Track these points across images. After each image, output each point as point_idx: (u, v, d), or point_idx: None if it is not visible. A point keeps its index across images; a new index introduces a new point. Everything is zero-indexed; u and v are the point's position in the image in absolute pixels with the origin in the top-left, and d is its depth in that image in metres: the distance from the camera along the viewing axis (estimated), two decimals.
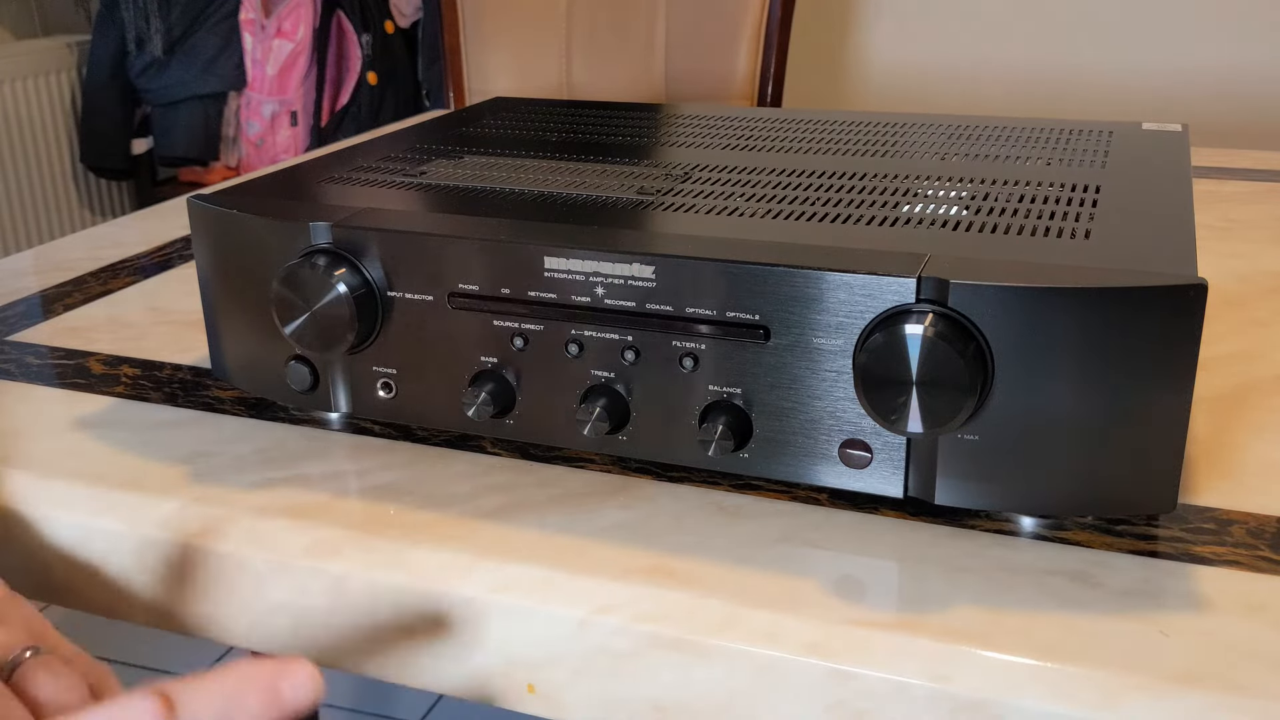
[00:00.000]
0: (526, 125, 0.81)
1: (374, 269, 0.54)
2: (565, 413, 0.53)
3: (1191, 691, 0.40)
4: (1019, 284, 0.44)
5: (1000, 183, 0.61)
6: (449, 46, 1.65)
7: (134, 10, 2.47)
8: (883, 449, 0.48)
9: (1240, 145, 1.26)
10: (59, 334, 0.73)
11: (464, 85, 1.65)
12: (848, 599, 0.45)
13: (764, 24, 1.61)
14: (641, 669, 0.46)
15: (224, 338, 0.60)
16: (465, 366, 0.54)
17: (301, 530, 0.51)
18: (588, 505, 0.52)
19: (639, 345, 0.51)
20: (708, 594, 0.46)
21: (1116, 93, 2.09)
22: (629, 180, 0.63)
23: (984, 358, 0.45)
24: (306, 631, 0.51)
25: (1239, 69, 2.02)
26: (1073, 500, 0.47)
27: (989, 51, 2.16)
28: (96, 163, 2.64)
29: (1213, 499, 0.52)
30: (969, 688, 0.42)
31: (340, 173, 0.66)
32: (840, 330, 0.47)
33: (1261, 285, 0.78)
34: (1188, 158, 0.67)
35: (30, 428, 0.61)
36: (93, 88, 2.57)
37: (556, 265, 0.51)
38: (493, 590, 0.48)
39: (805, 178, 0.63)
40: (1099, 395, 0.45)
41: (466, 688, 0.49)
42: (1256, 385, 0.63)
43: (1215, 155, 1.14)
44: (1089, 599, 0.45)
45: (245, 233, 0.57)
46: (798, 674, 0.43)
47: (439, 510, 0.52)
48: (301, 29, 2.40)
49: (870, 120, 0.79)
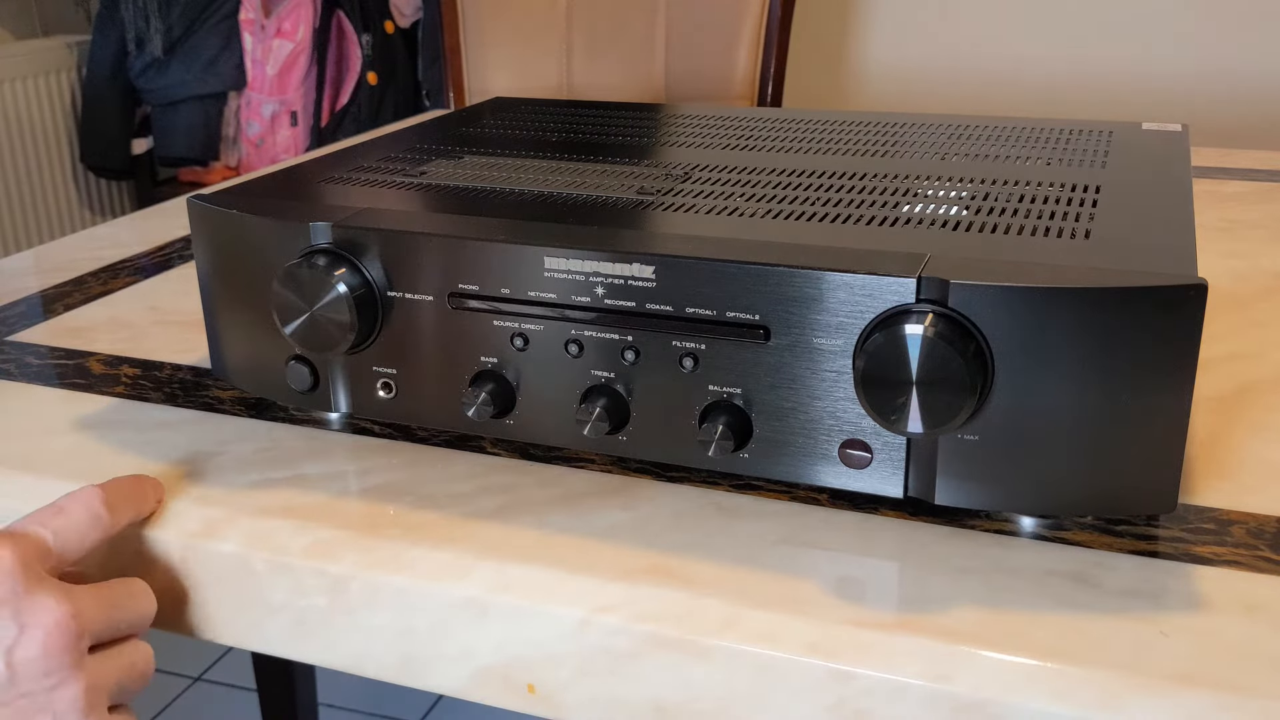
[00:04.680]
0: (526, 125, 0.81)
1: (374, 269, 0.54)
2: (565, 413, 0.53)
3: (1191, 691, 0.40)
4: (1019, 284, 0.44)
5: (1000, 183, 0.61)
6: (449, 46, 1.65)
7: (134, 10, 2.47)
8: (883, 449, 0.48)
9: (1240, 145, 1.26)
10: (59, 334, 0.73)
11: (464, 85, 1.65)
12: (848, 599, 0.45)
13: (764, 24, 1.61)
14: (641, 669, 0.46)
15: (224, 338, 0.60)
16: (465, 366, 0.54)
17: (301, 530, 0.51)
18: (588, 505, 0.52)
19: (639, 345, 0.51)
20: (707, 594, 0.46)
21: (1116, 93, 2.09)
22: (629, 180, 0.63)
23: (984, 358, 0.45)
24: (306, 631, 0.51)
25: (1239, 69, 2.02)
26: (1073, 500, 0.47)
27: (989, 51, 2.16)
28: (96, 163, 2.64)
29: (1213, 499, 0.52)
30: (969, 688, 0.42)
31: (340, 173, 0.66)
32: (840, 330, 0.47)
33: (1261, 285, 0.78)
34: (1188, 158, 0.67)
35: (30, 428, 0.61)
36: (93, 88, 2.57)
37: (556, 265, 0.51)
38: (493, 590, 0.48)
39: (805, 178, 0.63)
40: (1099, 395, 0.45)
41: (466, 688, 0.49)
42: (1256, 385, 0.63)
43: (1215, 155, 1.14)
44: (1089, 599, 0.45)
45: (245, 233, 0.57)
46: (798, 674, 0.43)
47: (439, 510, 0.52)
48: (301, 29, 2.40)
49: (870, 120, 0.79)
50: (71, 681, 0.44)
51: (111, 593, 0.48)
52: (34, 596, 0.44)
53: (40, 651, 0.43)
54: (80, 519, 0.48)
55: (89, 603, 0.46)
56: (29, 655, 0.43)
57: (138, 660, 0.49)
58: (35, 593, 0.44)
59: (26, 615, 0.43)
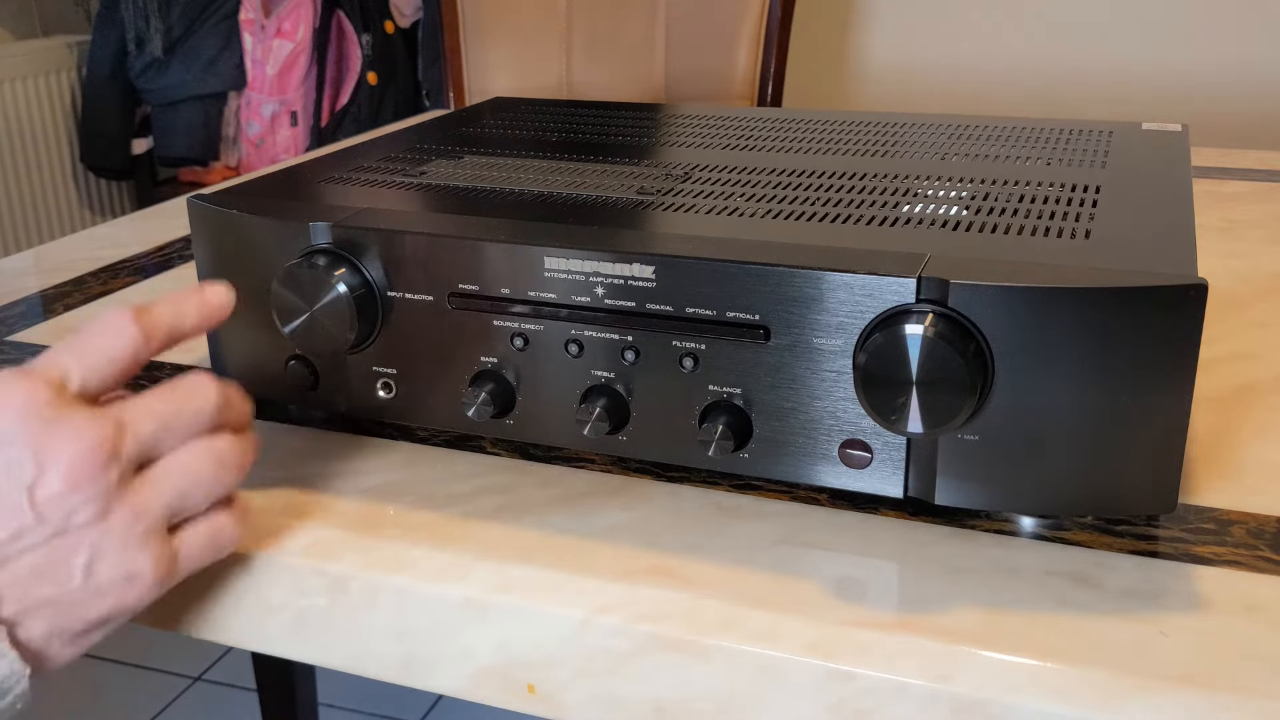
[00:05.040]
0: (526, 125, 0.81)
1: (374, 269, 0.54)
2: (565, 413, 0.53)
3: (1191, 691, 0.40)
4: (1019, 284, 0.44)
5: (1000, 183, 0.61)
6: (449, 46, 1.65)
7: (134, 10, 2.47)
8: (883, 449, 0.48)
9: (1240, 145, 1.26)
10: (59, 334, 0.73)
11: (464, 85, 1.65)
12: (848, 599, 0.45)
13: (764, 24, 1.61)
14: (641, 669, 0.46)
15: (224, 338, 0.60)
16: (465, 366, 0.54)
17: (301, 530, 0.51)
18: (588, 505, 0.52)
19: (639, 345, 0.51)
20: (707, 594, 0.46)
21: (1116, 93, 2.09)
22: (629, 180, 0.63)
23: (984, 358, 0.45)
24: (307, 631, 0.51)
25: (1239, 69, 2.02)
26: (1073, 500, 0.47)
27: (989, 51, 2.16)
28: (96, 163, 2.63)
29: (1213, 499, 0.52)
30: (969, 688, 0.42)
31: (340, 173, 0.66)
32: (840, 330, 0.47)
33: (1261, 285, 0.78)
34: (1188, 158, 0.67)
35: None
36: (93, 88, 2.57)
37: (556, 265, 0.51)
38: (493, 590, 0.48)
39: (805, 178, 0.63)
40: (1099, 395, 0.45)
41: (466, 688, 0.49)
42: (1256, 385, 0.63)
43: (1215, 155, 1.14)
44: (1089, 599, 0.45)
45: (245, 233, 0.57)
46: (797, 674, 0.43)
47: (439, 510, 0.52)
48: (301, 29, 2.40)
49: (870, 120, 0.79)
50: (110, 512, 0.42)
51: (158, 397, 0.44)
52: (52, 429, 0.41)
53: (65, 486, 0.41)
54: (106, 340, 0.44)
55: (130, 417, 0.43)
56: (52, 491, 0.41)
57: (204, 462, 0.44)
58: (54, 425, 0.41)
59: (45, 450, 0.41)
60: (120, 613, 0.43)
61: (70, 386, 0.43)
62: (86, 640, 0.43)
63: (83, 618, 0.42)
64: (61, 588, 0.42)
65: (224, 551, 0.47)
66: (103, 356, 0.44)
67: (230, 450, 0.46)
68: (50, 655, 0.43)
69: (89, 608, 0.42)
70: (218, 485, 0.45)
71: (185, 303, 0.47)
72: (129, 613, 0.44)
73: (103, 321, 0.45)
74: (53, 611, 0.42)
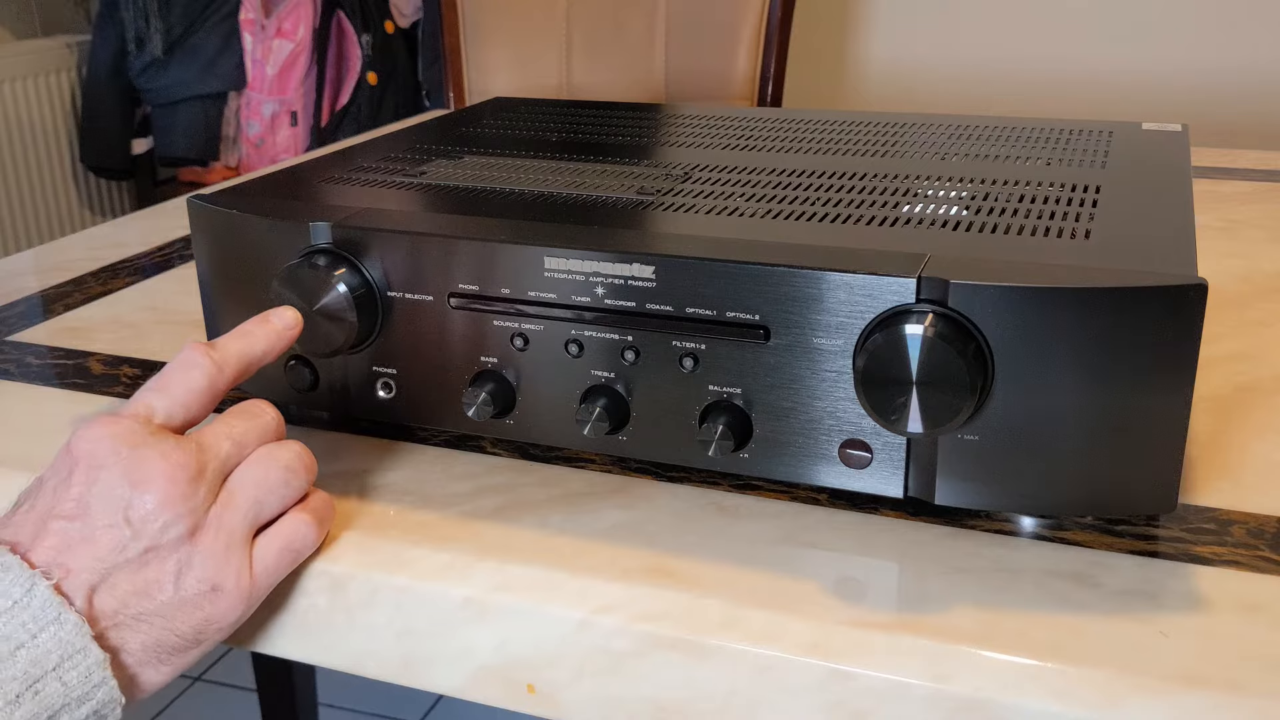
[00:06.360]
0: (526, 125, 0.81)
1: (374, 269, 0.54)
2: (565, 413, 0.53)
3: (1191, 691, 0.40)
4: (1019, 284, 0.44)
5: (1000, 183, 0.61)
6: (449, 46, 1.65)
7: (134, 10, 2.47)
8: (883, 449, 0.48)
9: (1240, 145, 1.26)
10: (59, 334, 0.73)
11: (464, 85, 1.65)
12: (848, 599, 0.45)
13: (764, 24, 1.61)
14: (641, 669, 0.46)
15: None
16: (465, 366, 0.54)
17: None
18: (588, 505, 0.52)
19: (639, 345, 0.51)
20: (707, 594, 0.46)
21: (1116, 93, 2.09)
22: (629, 180, 0.63)
23: (984, 358, 0.45)
24: (307, 631, 0.51)
25: (1239, 69, 2.02)
26: (1073, 500, 0.47)
27: (989, 51, 2.16)
28: (96, 163, 2.63)
29: (1213, 499, 0.52)
30: (969, 688, 0.42)
31: (340, 173, 0.66)
32: (840, 330, 0.47)
33: (1261, 285, 0.78)
34: (1188, 158, 0.67)
35: (30, 428, 0.61)
36: (93, 88, 2.57)
37: (556, 265, 0.51)
38: (493, 590, 0.48)
39: (805, 178, 0.63)
40: (1099, 395, 0.45)
41: (466, 688, 0.49)
42: (1256, 385, 0.63)
43: (1215, 155, 1.14)
44: (1089, 599, 0.45)
45: (245, 233, 0.57)
46: (797, 674, 0.43)
47: (439, 510, 0.52)
48: (301, 29, 2.40)
49: (870, 120, 0.79)
50: (199, 528, 0.46)
51: (228, 420, 0.49)
52: (141, 454, 0.45)
53: (155, 505, 0.45)
54: (182, 374, 0.48)
55: (208, 440, 0.47)
56: (146, 510, 0.45)
57: (272, 470, 0.48)
58: (142, 450, 0.45)
59: (135, 473, 0.45)
60: (207, 625, 0.46)
61: (155, 420, 0.47)
62: (178, 660, 0.46)
63: (175, 630, 0.45)
64: (154, 600, 0.45)
65: (303, 553, 0.49)
66: (181, 389, 0.48)
67: (294, 457, 0.49)
68: (144, 679, 0.45)
69: (179, 620, 0.45)
70: (289, 490, 0.48)
71: (253, 330, 0.51)
72: (216, 627, 0.46)
73: (179, 359, 0.49)
74: (148, 626, 0.45)
